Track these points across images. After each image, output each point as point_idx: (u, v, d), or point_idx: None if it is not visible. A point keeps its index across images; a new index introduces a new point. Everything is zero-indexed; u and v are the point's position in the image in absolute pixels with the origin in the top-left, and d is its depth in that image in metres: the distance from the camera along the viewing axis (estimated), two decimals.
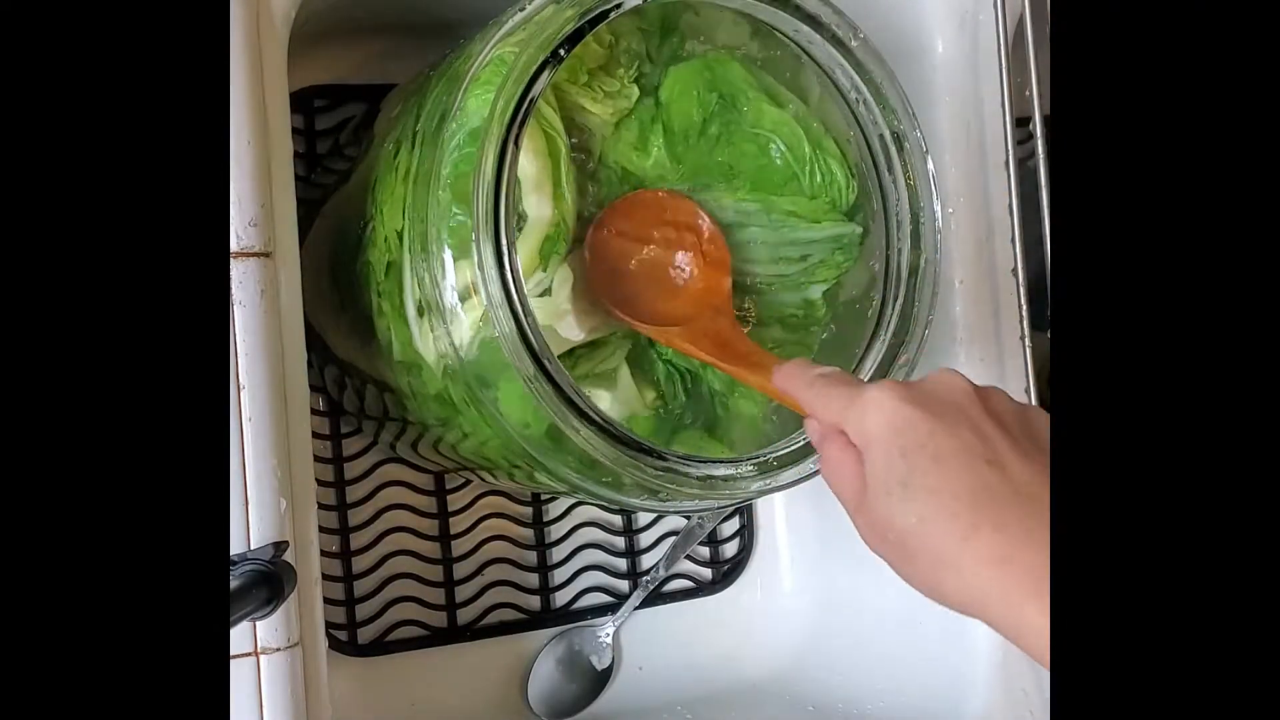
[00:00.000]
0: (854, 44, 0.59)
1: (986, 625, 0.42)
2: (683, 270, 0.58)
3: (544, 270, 0.55)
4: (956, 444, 0.43)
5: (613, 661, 0.82)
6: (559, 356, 0.51)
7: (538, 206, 0.54)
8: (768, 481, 0.56)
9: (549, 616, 0.82)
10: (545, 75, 0.51)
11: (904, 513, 0.43)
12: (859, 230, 0.59)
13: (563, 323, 0.55)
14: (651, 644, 0.84)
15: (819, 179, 0.58)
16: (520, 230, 0.54)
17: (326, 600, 0.71)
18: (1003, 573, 0.41)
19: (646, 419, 0.58)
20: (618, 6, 0.53)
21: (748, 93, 0.58)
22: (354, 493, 0.78)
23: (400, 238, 0.56)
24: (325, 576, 0.70)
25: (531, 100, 0.51)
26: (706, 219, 0.58)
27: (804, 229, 0.58)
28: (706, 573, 0.87)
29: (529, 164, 0.53)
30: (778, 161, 0.58)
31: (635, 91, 0.58)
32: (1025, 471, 0.43)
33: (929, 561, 0.43)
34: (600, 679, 0.82)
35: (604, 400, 0.57)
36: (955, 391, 0.46)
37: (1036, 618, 0.40)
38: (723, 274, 0.58)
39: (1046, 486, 0.42)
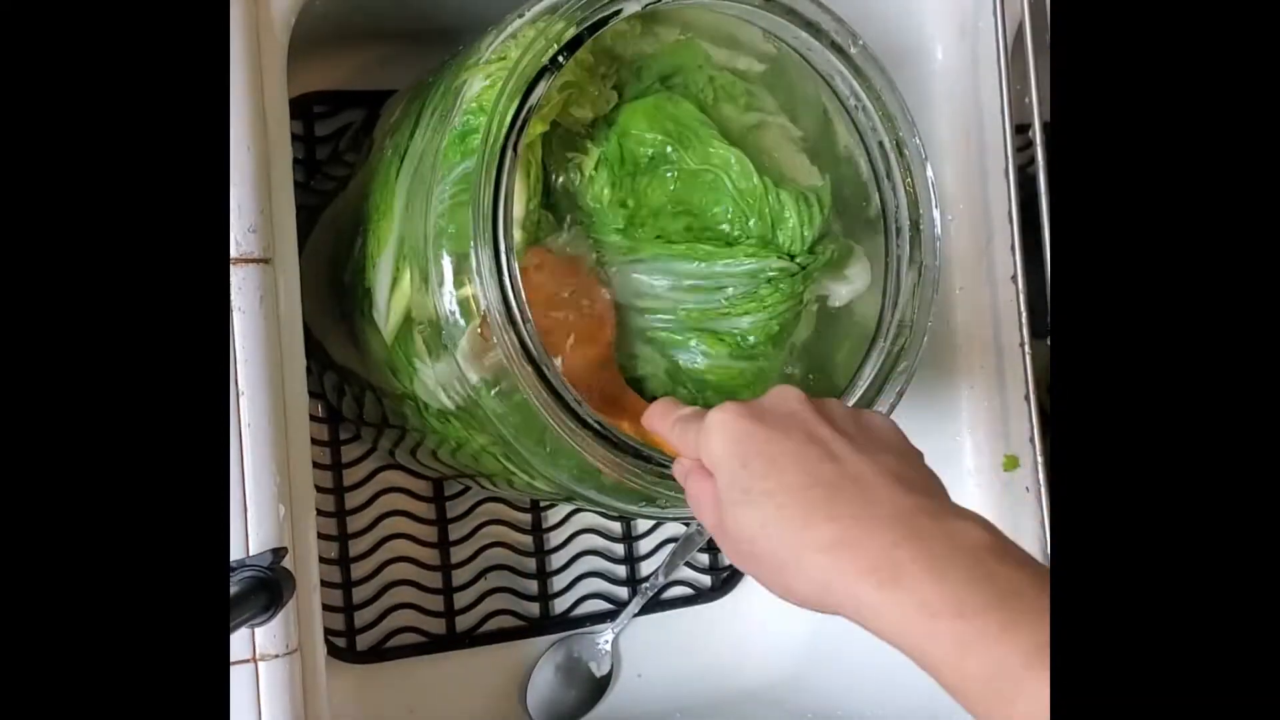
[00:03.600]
0: (853, 51, 0.59)
1: (844, 617, 0.43)
2: (567, 328, 0.57)
3: None
4: (790, 446, 0.45)
5: (612, 669, 0.82)
6: None
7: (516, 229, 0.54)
8: None
9: (548, 623, 0.82)
10: (544, 82, 0.51)
11: (749, 520, 0.45)
12: (781, 264, 0.58)
13: None
14: (650, 651, 0.84)
15: (768, 216, 0.58)
16: None
17: (325, 607, 0.70)
18: (836, 558, 0.42)
19: None
20: (616, 13, 0.53)
21: (699, 130, 0.58)
22: (353, 499, 0.78)
23: (389, 243, 0.56)
24: (324, 583, 0.70)
25: (531, 107, 0.51)
26: (583, 272, 0.58)
27: (720, 263, 0.58)
28: (706, 580, 0.87)
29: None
30: (724, 199, 0.58)
31: (614, 96, 0.58)
32: (857, 462, 0.45)
33: (774, 563, 0.44)
34: (599, 686, 0.81)
35: None
36: (789, 401, 0.48)
37: (870, 594, 0.41)
38: (602, 328, 0.57)
39: (878, 474, 0.44)
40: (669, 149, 0.57)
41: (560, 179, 0.58)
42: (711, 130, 0.58)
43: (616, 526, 0.84)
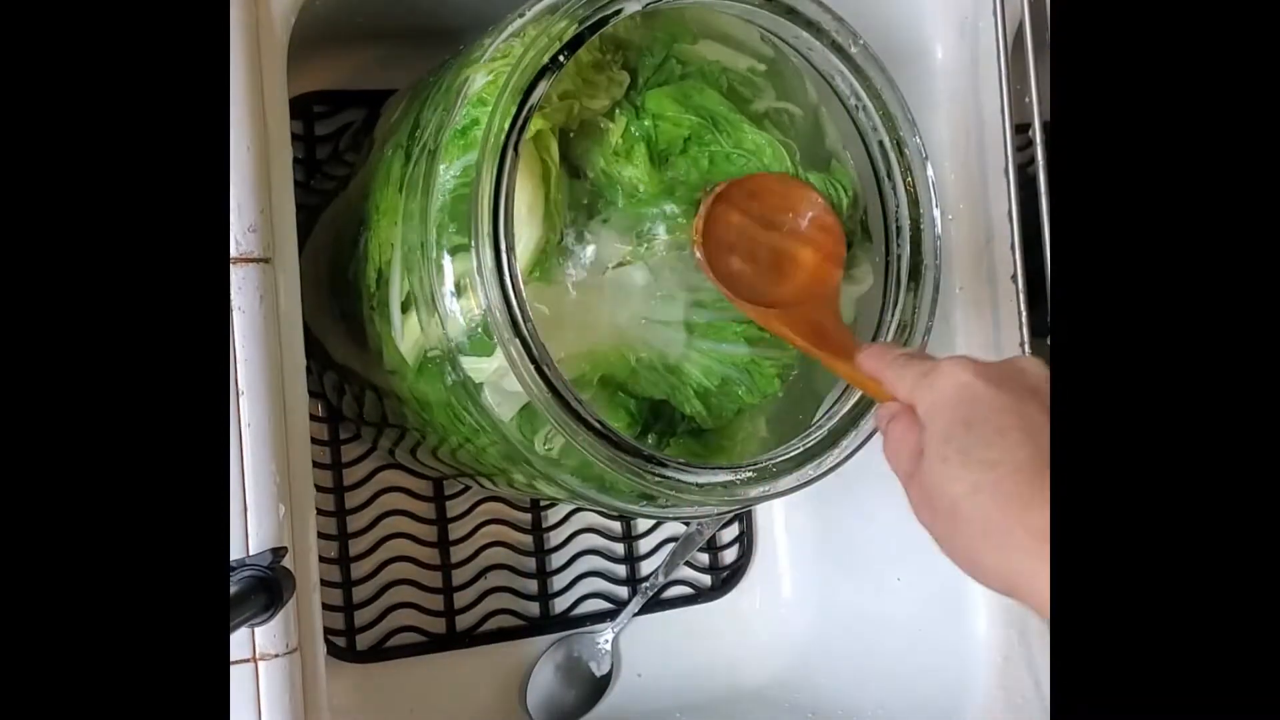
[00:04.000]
0: (854, 50, 0.59)
1: (1020, 602, 0.41)
2: (794, 258, 0.58)
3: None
4: (1024, 421, 0.43)
5: (611, 668, 0.82)
6: None
7: (530, 226, 0.54)
8: (767, 488, 0.56)
9: (548, 623, 0.82)
10: (544, 81, 0.51)
11: (959, 480, 0.43)
12: None
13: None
14: (650, 650, 0.84)
15: None
16: None
17: (325, 606, 0.70)
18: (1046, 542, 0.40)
19: None
20: (617, 13, 0.53)
21: (728, 116, 0.58)
22: (353, 498, 0.78)
23: (392, 248, 0.56)
24: (324, 582, 0.70)
25: (531, 107, 0.51)
26: (826, 210, 0.58)
27: None
28: (706, 579, 0.87)
29: (525, 187, 0.53)
30: None
31: (625, 77, 0.58)
32: None
33: (975, 531, 0.42)
34: (599, 686, 0.81)
35: None
36: (1032, 372, 0.45)
37: None
38: (835, 266, 0.58)
39: None
40: (705, 132, 0.58)
41: (599, 166, 0.58)
42: (741, 117, 0.58)
43: (616, 526, 0.84)
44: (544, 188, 0.55)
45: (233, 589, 0.50)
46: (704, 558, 0.87)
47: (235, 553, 0.53)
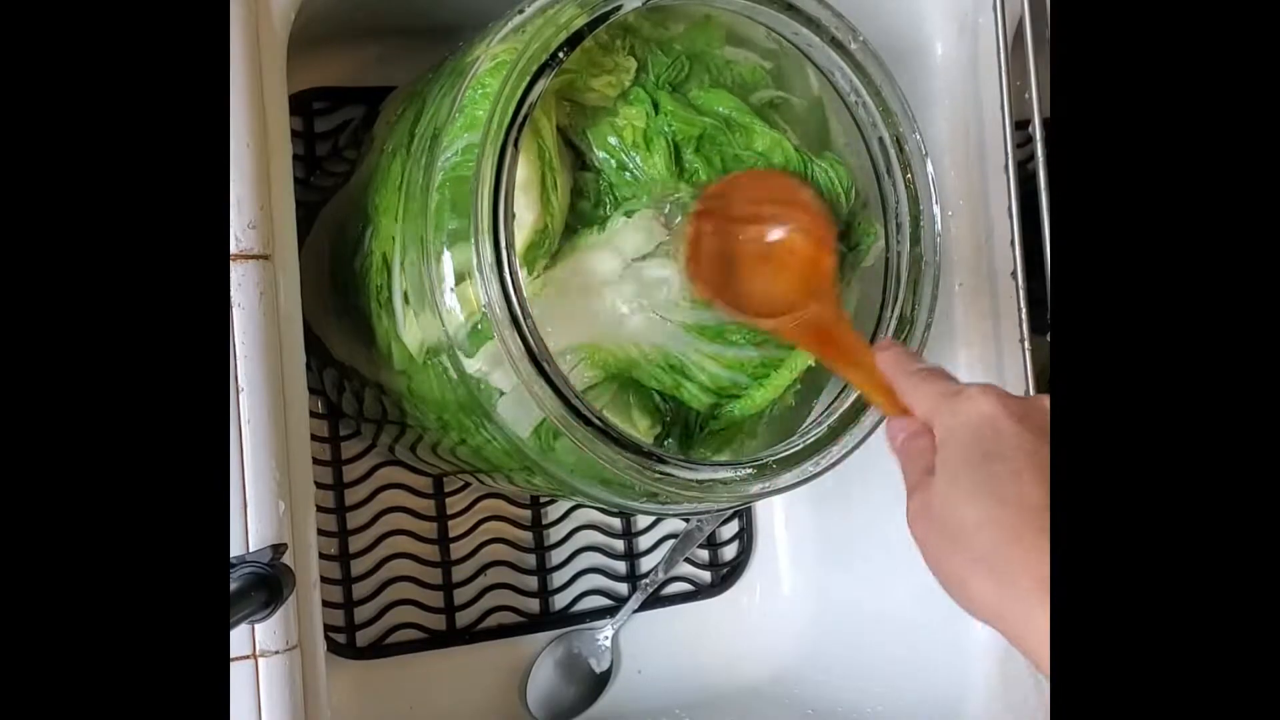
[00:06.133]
0: (853, 47, 0.59)
1: (999, 633, 0.42)
2: (784, 250, 0.57)
3: (528, 274, 0.54)
4: (1040, 464, 0.43)
5: (612, 664, 0.82)
6: None
7: (525, 209, 0.54)
8: (766, 484, 0.56)
9: (548, 619, 0.82)
10: (544, 77, 0.51)
11: (970, 514, 0.43)
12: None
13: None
14: (651, 647, 0.84)
15: None
16: None
17: (325, 603, 0.70)
18: (1044, 590, 0.40)
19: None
20: (617, 9, 0.53)
21: (740, 117, 0.58)
22: (353, 495, 0.78)
23: (394, 246, 0.56)
24: (324, 579, 0.70)
25: (531, 103, 0.51)
26: (808, 192, 0.58)
27: None
28: (706, 576, 0.87)
29: (520, 166, 0.53)
30: None
31: (632, 63, 0.58)
32: None
33: (971, 561, 0.43)
34: (599, 682, 0.82)
35: None
36: (1047, 411, 0.46)
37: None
38: (825, 252, 0.57)
39: None
40: (718, 133, 0.58)
41: (615, 154, 0.57)
42: (753, 116, 0.58)
43: (616, 522, 0.84)
44: (539, 167, 0.54)
45: (232, 586, 0.50)
46: (704, 554, 0.87)
47: (235, 549, 0.53)
